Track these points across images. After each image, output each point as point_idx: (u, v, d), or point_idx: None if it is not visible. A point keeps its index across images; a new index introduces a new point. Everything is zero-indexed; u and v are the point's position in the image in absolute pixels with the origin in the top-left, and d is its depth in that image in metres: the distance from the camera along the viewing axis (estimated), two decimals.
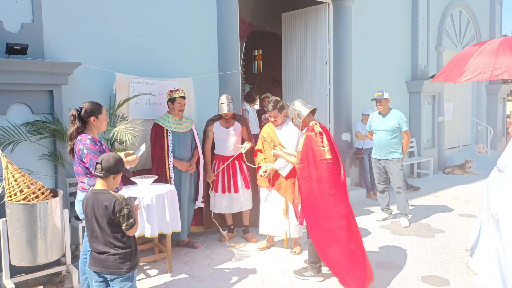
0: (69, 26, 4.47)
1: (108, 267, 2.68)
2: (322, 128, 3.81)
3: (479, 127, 11.37)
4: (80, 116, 3.18)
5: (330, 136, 3.83)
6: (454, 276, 3.94)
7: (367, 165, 7.04)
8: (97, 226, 2.68)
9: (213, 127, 4.94)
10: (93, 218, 2.68)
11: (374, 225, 5.61)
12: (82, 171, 3.19)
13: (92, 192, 2.73)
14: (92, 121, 3.22)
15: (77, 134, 3.18)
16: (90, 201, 2.71)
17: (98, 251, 2.69)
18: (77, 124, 3.17)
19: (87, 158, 3.10)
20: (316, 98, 7.69)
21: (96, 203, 2.67)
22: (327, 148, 3.67)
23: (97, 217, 2.67)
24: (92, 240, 2.72)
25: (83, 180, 3.21)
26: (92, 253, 2.74)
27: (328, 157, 3.65)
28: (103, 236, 2.68)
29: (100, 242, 2.69)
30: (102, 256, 2.68)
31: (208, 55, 5.67)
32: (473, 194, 7.31)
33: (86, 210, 2.73)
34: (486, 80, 3.33)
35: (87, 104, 3.23)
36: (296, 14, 7.98)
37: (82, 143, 3.11)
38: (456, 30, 10.33)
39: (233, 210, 4.97)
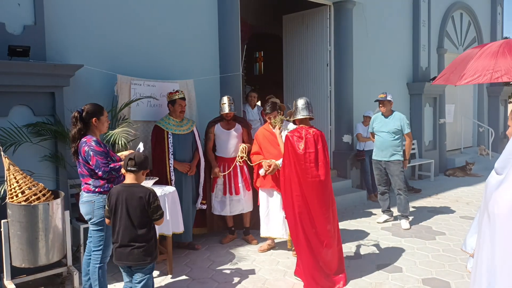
0: (71, 28, 4.49)
1: (133, 260, 2.88)
2: (313, 134, 3.90)
3: (480, 129, 11.36)
4: (81, 117, 3.20)
5: (315, 142, 3.88)
6: (455, 278, 3.94)
7: (368, 167, 7.04)
8: (127, 219, 2.85)
9: (214, 128, 4.95)
10: (124, 211, 2.84)
11: (375, 227, 5.61)
12: (87, 172, 3.20)
13: (124, 186, 2.91)
14: (94, 122, 3.24)
15: (79, 136, 3.19)
16: (122, 194, 2.86)
17: (124, 244, 2.86)
18: (79, 126, 3.19)
19: (93, 160, 3.10)
20: (317, 100, 7.70)
21: (130, 195, 2.86)
22: (301, 151, 3.82)
23: (130, 209, 2.85)
24: (119, 234, 2.86)
25: (88, 181, 3.22)
26: (116, 249, 2.89)
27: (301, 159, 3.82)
28: (131, 230, 2.86)
29: (127, 235, 2.87)
30: (128, 250, 2.86)
31: (209, 57, 5.69)
32: (475, 196, 7.30)
33: (116, 203, 2.87)
34: (486, 82, 3.34)
35: (88, 106, 3.26)
36: (297, 16, 8.00)
37: (88, 145, 3.12)
38: (457, 32, 10.33)
39: (234, 212, 4.97)
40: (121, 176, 3.27)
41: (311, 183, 3.78)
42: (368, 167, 7.08)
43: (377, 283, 3.88)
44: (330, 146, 7.59)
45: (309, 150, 3.83)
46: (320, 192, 3.80)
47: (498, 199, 2.12)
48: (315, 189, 3.78)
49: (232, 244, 4.99)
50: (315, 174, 3.80)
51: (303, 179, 3.79)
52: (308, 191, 3.78)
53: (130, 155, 2.93)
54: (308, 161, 3.82)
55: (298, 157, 3.82)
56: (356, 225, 5.69)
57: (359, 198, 6.99)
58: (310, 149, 3.84)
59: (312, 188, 3.77)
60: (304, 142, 3.83)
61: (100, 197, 3.20)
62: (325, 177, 3.82)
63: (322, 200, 3.79)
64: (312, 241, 3.77)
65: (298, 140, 3.86)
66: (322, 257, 3.77)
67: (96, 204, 3.19)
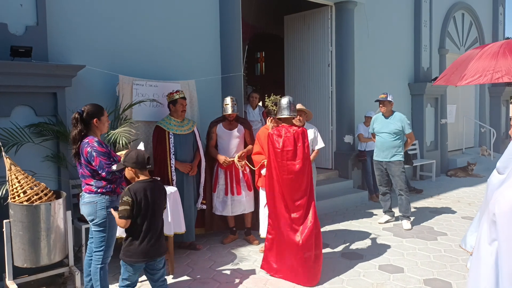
0: (73, 29, 4.50)
1: (163, 251, 3.04)
2: (293, 133, 4.02)
3: (482, 129, 11.35)
4: (82, 118, 3.18)
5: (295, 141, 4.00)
6: (457, 279, 3.93)
7: (370, 167, 7.04)
8: (156, 214, 2.95)
9: (216, 128, 4.95)
10: (153, 205, 2.91)
11: (376, 227, 5.61)
12: (89, 173, 3.18)
13: (146, 182, 2.95)
14: (95, 123, 3.22)
15: (79, 137, 3.18)
16: (148, 189, 2.92)
17: (155, 239, 2.93)
18: (79, 127, 3.17)
19: (96, 161, 3.09)
20: (318, 100, 7.71)
21: (158, 190, 2.99)
22: (279, 149, 3.99)
23: (158, 202, 2.95)
24: (151, 230, 2.91)
25: (90, 182, 3.20)
26: (150, 246, 2.90)
27: None
28: (157, 223, 2.97)
29: (155, 230, 2.95)
30: (158, 243, 2.97)
31: (210, 57, 5.69)
32: (476, 196, 7.29)
33: (143, 198, 2.88)
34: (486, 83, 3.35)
35: (88, 107, 3.24)
36: (298, 16, 8.00)
37: (90, 146, 3.11)
38: (459, 32, 10.32)
39: (236, 213, 4.97)
40: (123, 176, 3.28)
41: (287, 180, 3.96)
42: (369, 167, 7.08)
43: (378, 283, 3.88)
44: (331, 147, 7.59)
45: (286, 148, 3.99)
46: (295, 187, 3.96)
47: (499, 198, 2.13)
48: (291, 185, 3.95)
49: (234, 244, 4.99)
50: (292, 170, 3.95)
51: (280, 176, 3.98)
52: (284, 186, 3.96)
53: (145, 154, 2.98)
54: (285, 159, 3.98)
55: (276, 155, 4.01)
56: (358, 226, 5.68)
57: (361, 198, 6.99)
58: (288, 147, 3.99)
59: (289, 184, 3.96)
60: (282, 140, 4.00)
61: (102, 198, 3.18)
62: (300, 172, 3.96)
63: (297, 195, 3.97)
64: (285, 234, 3.94)
65: (277, 138, 4.03)
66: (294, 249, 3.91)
67: (98, 205, 3.18)
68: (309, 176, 4.04)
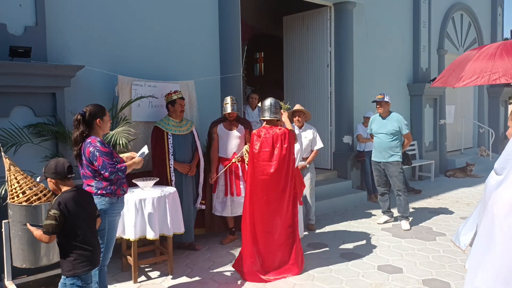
0: (72, 29, 4.50)
1: None
2: (273, 134, 4.09)
3: (480, 130, 11.37)
4: (84, 120, 3.13)
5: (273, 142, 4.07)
6: (455, 279, 3.94)
7: (369, 167, 7.04)
8: (90, 221, 2.87)
9: (217, 128, 4.95)
10: (85, 213, 2.82)
11: (375, 228, 5.61)
12: (90, 174, 3.14)
13: (71, 192, 2.77)
14: (98, 123, 3.17)
15: (81, 139, 3.12)
16: (76, 198, 2.77)
17: (95, 244, 2.88)
18: (81, 129, 3.12)
19: (99, 161, 3.05)
20: (317, 101, 7.71)
21: (85, 197, 2.90)
22: (256, 150, 4.09)
23: (89, 209, 2.87)
24: (90, 238, 2.82)
25: (90, 183, 3.16)
26: (91, 253, 2.81)
27: None
28: (93, 230, 2.90)
29: (94, 236, 2.89)
30: (99, 248, 2.92)
31: (210, 58, 5.70)
32: (475, 197, 7.30)
33: (75, 208, 2.73)
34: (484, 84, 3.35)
35: (90, 107, 3.20)
36: (297, 17, 8.01)
37: (93, 146, 3.07)
38: (458, 33, 10.34)
39: (235, 213, 4.97)
40: (125, 177, 3.26)
41: (261, 180, 4.03)
42: (368, 168, 7.08)
43: (377, 283, 3.88)
44: (330, 147, 7.60)
45: (264, 149, 4.08)
46: (270, 188, 4.01)
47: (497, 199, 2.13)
48: (265, 186, 4.02)
49: (233, 245, 4.99)
50: (267, 172, 4.02)
51: (255, 176, 4.07)
52: (259, 186, 4.04)
53: (66, 163, 2.80)
54: (261, 159, 4.06)
55: (254, 155, 4.11)
56: (357, 226, 5.69)
57: (359, 199, 7.00)
58: (265, 148, 4.07)
59: (263, 185, 4.03)
60: (260, 141, 4.08)
61: (102, 200, 3.15)
62: (275, 173, 4.01)
63: (271, 196, 4.01)
64: (264, 233, 4.03)
65: (256, 139, 4.13)
66: (271, 248, 4.02)
67: (98, 207, 3.12)
68: (287, 178, 4.06)
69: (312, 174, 5.52)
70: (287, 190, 4.08)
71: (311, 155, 5.47)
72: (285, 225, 4.06)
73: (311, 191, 5.51)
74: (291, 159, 4.13)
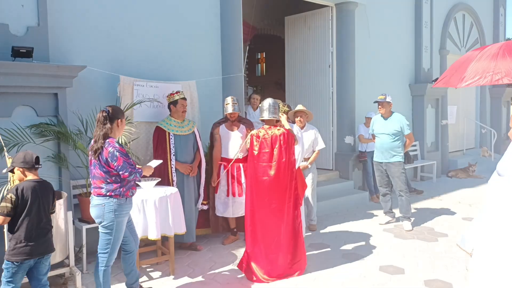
0: (74, 30, 4.51)
1: (50, 250, 3.05)
2: (272, 135, 4.08)
3: (483, 130, 11.34)
4: (109, 117, 3.19)
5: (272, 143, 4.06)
6: (457, 280, 3.93)
7: (370, 168, 7.03)
8: (41, 213, 2.96)
9: (219, 129, 4.95)
10: (39, 204, 2.94)
11: (377, 228, 5.60)
12: (102, 175, 3.15)
13: (34, 182, 2.97)
14: (118, 123, 3.24)
15: (106, 134, 3.16)
16: (35, 189, 2.94)
17: (41, 237, 2.95)
18: (108, 125, 3.16)
19: (119, 161, 3.08)
20: (319, 101, 7.71)
21: (45, 190, 3.02)
22: (256, 152, 4.08)
23: (44, 202, 2.99)
24: (36, 229, 2.92)
25: (100, 185, 3.17)
26: (33, 244, 2.90)
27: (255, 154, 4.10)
28: (44, 222, 2.99)
29: (42, 229, 2.96)
30: (45, 240, 2.98)
31: (211, 58, 5.70)
32: (477, 197, 7.28)
33: (30, 197, 2.89)
34: (486, 84, 3.35)
35: (112, 107, 3.27)
36: (299, 17, 8.01)
37: (112, 146, 3.10)
38: (460, 33, 10.32)
39: (237, 214, 4.96)
40: (135, 181, 3.32)
41: (262, 182, 4.03)
42: (370, 168, 7.07)
43: (379, 284, 3.88)
44: (332, 147, 7.59)
45: (263, 150, 4.08)
46: (271, 189, 4.00)
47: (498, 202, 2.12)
48: (266, 187, 4.01)
49: (234, 245, 4.99)
50: (267, 173, 4.02)
51: (255, 177, 4.07)
52: (259, 188, 4.03)
53: (26, 153, 3.01)
54: (261, 161, 4.05)
55: (253, 157, 4.11)
56: (358, 227, 5.68)
57: (361, 199, 6.99)
58: (265, 149, 4.06)
59: (263, 186, 4.02)
60: (259, 142, 4.08)
61: (111, 201, 3.17)
62: (275, 174, 4.01)
63: (272, 197, 4.01)
64: (264, 233, 4.02)
65: (256, 140, 4.11)
66: (272, 249, 4.01)
67: (106, 207, 3.17)
68: (288, 179, 4.05)
69: (313, 175, 5.52)
70: (288, 191, 4.07)
71: (313, 156, 5.47)
72: (287, 226, 4.05)
73: (312, 192, 5.51)
74: (291, 159, 4.12)
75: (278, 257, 4.01)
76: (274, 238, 4.01)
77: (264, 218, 4.02)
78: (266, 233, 4.02)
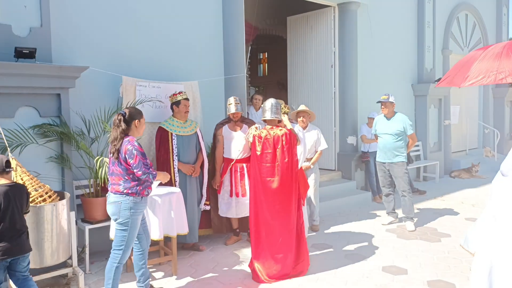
0: (76, 30, 4.52)
1: (26, 250, 3.02)
2: (274, 136, 4.09)
3: (486, 130, 11.31)
4: (125, 119, 3.34)
5: (274, 144, 4.07)
6: (460, 280, 3.92)
7: (373, 168, 7.02)
8: (16, 215, 2.93)
9: (222, 130, 4.95)
10: (13, 207, 2.91)
11: (379, 229, 5.59)
12: (121, 172, 3.28)
13: (6, 186, 2.92)
14: (135, 124, 3.37)
15: (121, 136, 3.30)
16: (8, 192, 2.90)
17: (16, 238, 2.93)
18: (122, 126, 3.30)
19: (135, 159, 3.21)
20: (322, 101, 7.70)
21: (19, 193, 2.99)
22: (258, 152, 4.08)
23: (18, 205, 2.95)
24: (10, 231, 2.89)
25: (119, 181, 3.30)
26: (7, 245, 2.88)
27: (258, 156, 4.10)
28: (18, 224, 2.96)
29: (16, 230, 2.95)
30: (20, 241, 2.96)
31: (213, 59, 5.70)
32: (480, 198, 7.26)
33: (3, 201, 2.86)
34: (490, 84, 3.35)
35: (130, 109, 3.42)
36: (301, 17, 8.00)
37: (131, 144, 3.24)
38: (463, 33, 10.29)
39: (240, 215, 4.95)
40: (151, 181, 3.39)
41: (265, 182, 4.03)
42: (373, 168, 7.06)
43: (382, 284, 3.87)
44: (334, 148, 7.58)
45: (266, 150, 4.08)
46: (274, 190, 4.01)
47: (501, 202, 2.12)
48: (269, 188, 4.02)
49: (237, 245, 4.99)
50: (271, 174, 4.03)
51: (260, 178, 4.06)
52: (262, 189, 4.03)
53: (3, 157, 2.98)
54: (265, 161, 4.06)
55: (256, 157, 4.11)
56: (361, 227, 5.67)
57: (364, 199, 6.97)
58: (267, 150, 4.06)
59: (266, 187, 4.02)
60: (262, 143, 4.08)
61: (127, 199, 3.29)
62: (279, 176, 4.01)
63: (275, 198, 4.01)
64: (268, 233, 4.02)
65: (258, 141, 4.11)
66: (275, 249, 4.00)
67: (122, 205, 3.29)
68: (291, 180, 4.06)
69: (316, 175, 5.51)
70: (291, 192, 4.07)
71: (315, 156, 5.46)
72: (290, 227, 4.05)
73: (315, 192, 5.50)
74: (294, 160, 4.12)
75: (281, 257, 4.00)
76: (277, 239, 4.01)
77: (267, 218, 4.02)
78: (269, 233, 4.02)
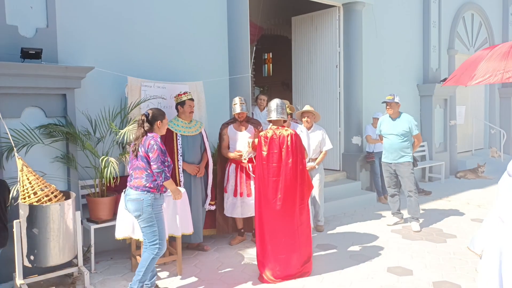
0: (82, 31, 4.54)
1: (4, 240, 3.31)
2: (279, 136, 4.08)
3: (492, 131, 11.24)
4: (148, 120, 3.54)
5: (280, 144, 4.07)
6: (466, 281, 3.90)
7: (378, 169, 7.00)
8: None
9: (227, 130, 4.96)
10: None
11: (385, 229, 5.57)
12: (144, 165, 3.44)
13: None
14: (158, 124, 3.58)
15: (144, 134, 3.51)
16: None
17: None
18: (145, 127, 3.52)
19: (155, 154, 3.40)
20: (326, 102, 7.69)
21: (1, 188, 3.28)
22: (265, 153, 4.08)
23: None
24: None
25: (142, 175, 3.45)
26: None
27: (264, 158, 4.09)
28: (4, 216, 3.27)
29: None
30: None
31: (218, 59, 5.71)
32: (486, 199, 7.22)
33: None
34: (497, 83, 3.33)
35: (153, 110, 3.62)
36: (306, 17, 7.99)
37: (154, 140, 3.45)
38: (468, 33, 10.24)
39: (245, 215, 4.95)
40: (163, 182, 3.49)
41: (271, 182, 4.03)
42: (378, 169, 7.04)
43: (387, 285, 3.85)
44: (339, 148, 7.56)
45: (272, 151, 4.07)
46: (280, 190, 4.00)
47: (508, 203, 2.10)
48: (274, 188, 4.02)
49: (241, 245, 4.99)
50: (276, 174, 4.03)
51: (266, 178, 4.06)
52: (268, 189, 4.03)
53: None
54: (271, 161, 4.06)
55: (262, 158, 4.11)
56: (366, 227, 5.66)
57: (369, 200, 6.95)
58: (274, 150, 4.07)
59: (272, 187, 4.02)
60: (268, 143, 4.08)
61: (148, 195, 3.44)
62: (284, 175, 4.02)
63: (281, 198, 4.00)
64: (271, 234, 4.01)
65: (264, 141, 4.12)
66: (279, 249, 3.99)
67: (145, 202, 3.43)
68: (297, 180, 4.05)
69: (321, 175, 5.50)
70: (297, 192, 4.06)
71: (320, 156, 5.45)
72: (294, 227, 4.04)
73: (320, 192, 5.49)
74: (299, 160, 4.11)
75: (285, 258, 4.00)
76: (281, 239, 4.01)
77: (272, 219, 4.01)
78: (273, 234, 4.01)
